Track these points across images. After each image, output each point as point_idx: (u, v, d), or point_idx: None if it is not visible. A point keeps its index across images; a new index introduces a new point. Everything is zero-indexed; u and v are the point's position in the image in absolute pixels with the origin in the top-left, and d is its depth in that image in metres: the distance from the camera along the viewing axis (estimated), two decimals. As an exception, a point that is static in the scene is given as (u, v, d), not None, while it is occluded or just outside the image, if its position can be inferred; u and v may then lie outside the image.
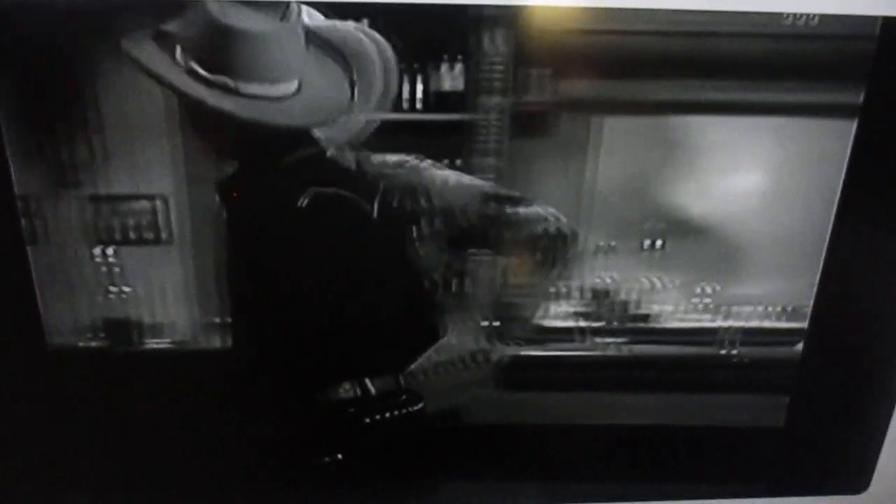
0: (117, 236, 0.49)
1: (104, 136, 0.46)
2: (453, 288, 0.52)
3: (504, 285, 0.53)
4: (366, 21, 0.44)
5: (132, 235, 0.49)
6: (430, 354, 0.54)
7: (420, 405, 0.55)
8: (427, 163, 0.49)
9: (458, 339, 0.54)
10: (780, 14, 0.45)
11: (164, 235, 0.49)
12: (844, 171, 0.51)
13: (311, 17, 0.44)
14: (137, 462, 0.56)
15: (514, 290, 0.53)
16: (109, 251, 0.49)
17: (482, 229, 0.51)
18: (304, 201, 0.48)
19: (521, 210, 0.50)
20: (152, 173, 0.48)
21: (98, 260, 0.49)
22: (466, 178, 0.49)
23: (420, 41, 0.45)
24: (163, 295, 0.51)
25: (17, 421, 0.53)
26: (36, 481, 0.56)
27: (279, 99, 0.46)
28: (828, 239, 0.52)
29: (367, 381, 0.55)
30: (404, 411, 0.55)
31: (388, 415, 0.55)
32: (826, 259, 0.53)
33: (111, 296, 0.51)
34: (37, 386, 0.52)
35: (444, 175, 0.49)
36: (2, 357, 0.51)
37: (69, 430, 0.54)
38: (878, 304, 0.56)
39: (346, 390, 0.55)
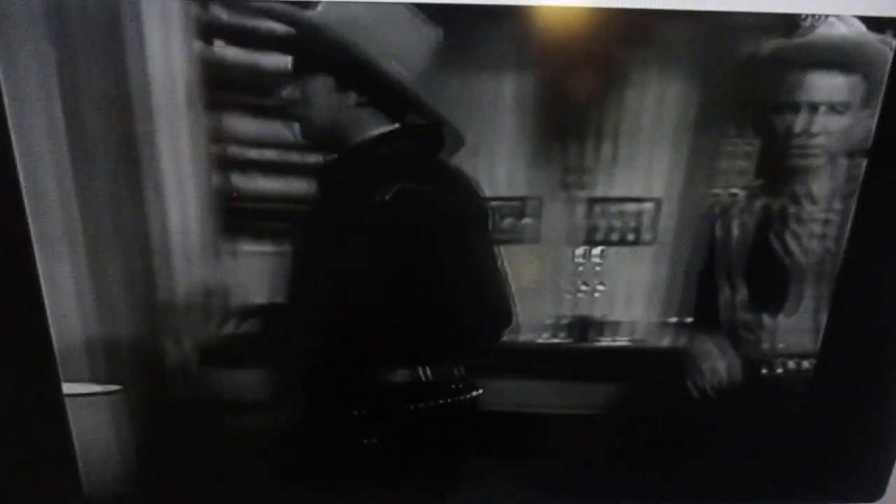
0: (602, 237, 0.51)
1: (614, 141, 0.48)
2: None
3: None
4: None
5: (615, 237, 0.51)
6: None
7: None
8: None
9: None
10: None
11: (648, 237, 0.51)
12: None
13: (850, 28, 0.45)
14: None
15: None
16: (595, 251, 0.52)
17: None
18: None
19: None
20: (649, 177, 0.49)
21: (578, 259, 0.52)
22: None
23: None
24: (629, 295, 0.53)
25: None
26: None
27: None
28: (846, 236, 0.51)
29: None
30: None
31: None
32: (844, 256, 0.52)
33: (581, 294, 0.53)
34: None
35: None
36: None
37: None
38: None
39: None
